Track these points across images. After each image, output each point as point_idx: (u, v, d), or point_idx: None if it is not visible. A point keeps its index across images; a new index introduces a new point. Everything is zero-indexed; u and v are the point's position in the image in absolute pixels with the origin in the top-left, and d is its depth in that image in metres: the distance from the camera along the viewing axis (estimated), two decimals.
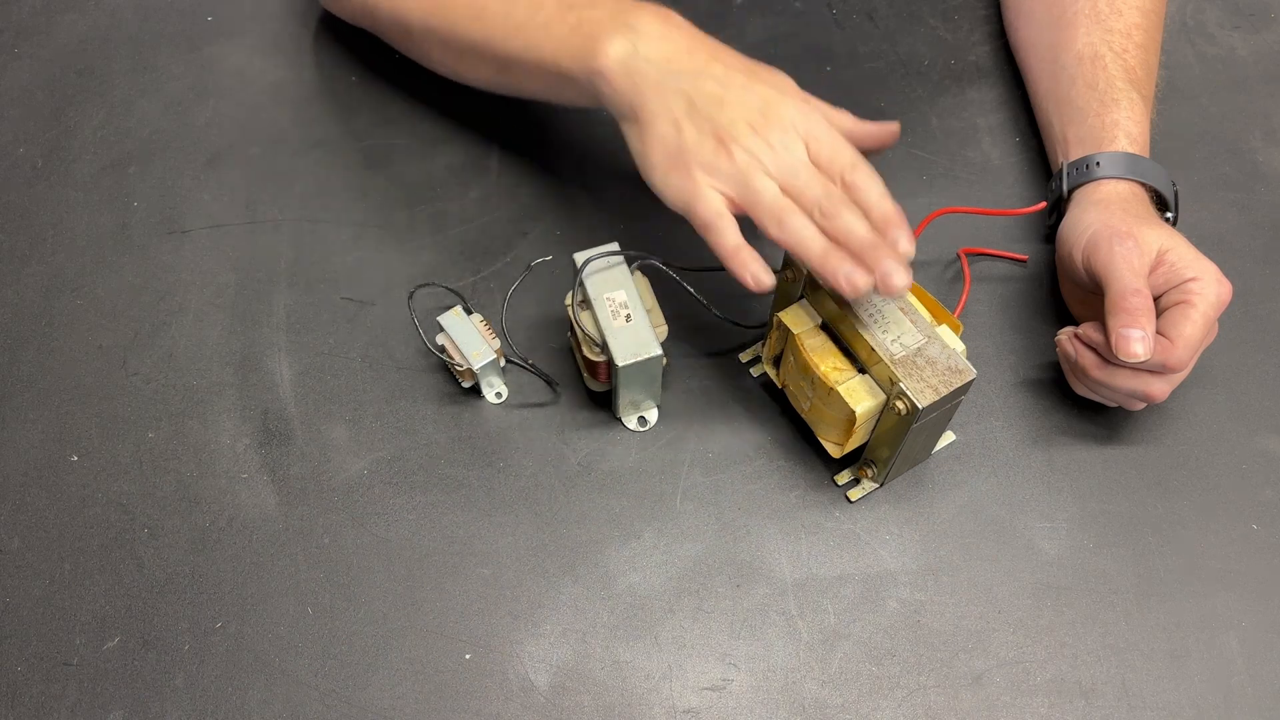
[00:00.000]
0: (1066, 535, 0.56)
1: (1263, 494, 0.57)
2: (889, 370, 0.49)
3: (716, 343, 0.62)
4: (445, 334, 0.57)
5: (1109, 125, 0.61)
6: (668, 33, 0.54)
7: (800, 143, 0.51)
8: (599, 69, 0.54)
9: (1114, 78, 0.63)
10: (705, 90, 0.52)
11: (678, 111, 0.52)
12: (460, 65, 0.65)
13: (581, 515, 0.56)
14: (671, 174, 0.52)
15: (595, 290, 0.54)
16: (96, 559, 0.55)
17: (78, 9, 0.79)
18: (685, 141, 0.51)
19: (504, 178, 0.69)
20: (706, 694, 0.52)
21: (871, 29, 0.78)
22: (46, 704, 0.51)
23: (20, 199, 0.69)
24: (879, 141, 0.56)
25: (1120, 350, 0.51)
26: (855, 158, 0.51)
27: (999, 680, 0.52)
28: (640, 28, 0.54)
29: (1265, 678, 0.52)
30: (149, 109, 0.73)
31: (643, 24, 0.54)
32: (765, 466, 0.58)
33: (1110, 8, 0.66)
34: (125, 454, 0.58)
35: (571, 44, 0.55)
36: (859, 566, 0.55)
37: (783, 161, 0.51)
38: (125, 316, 0.63)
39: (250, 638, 0.53)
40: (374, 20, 0.69)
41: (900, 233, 0.49)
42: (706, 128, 0.51)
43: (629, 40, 0.53)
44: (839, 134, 0.52)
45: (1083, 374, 0.56)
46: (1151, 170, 0.59)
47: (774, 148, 0.51)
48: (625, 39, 0.53)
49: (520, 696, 0.51)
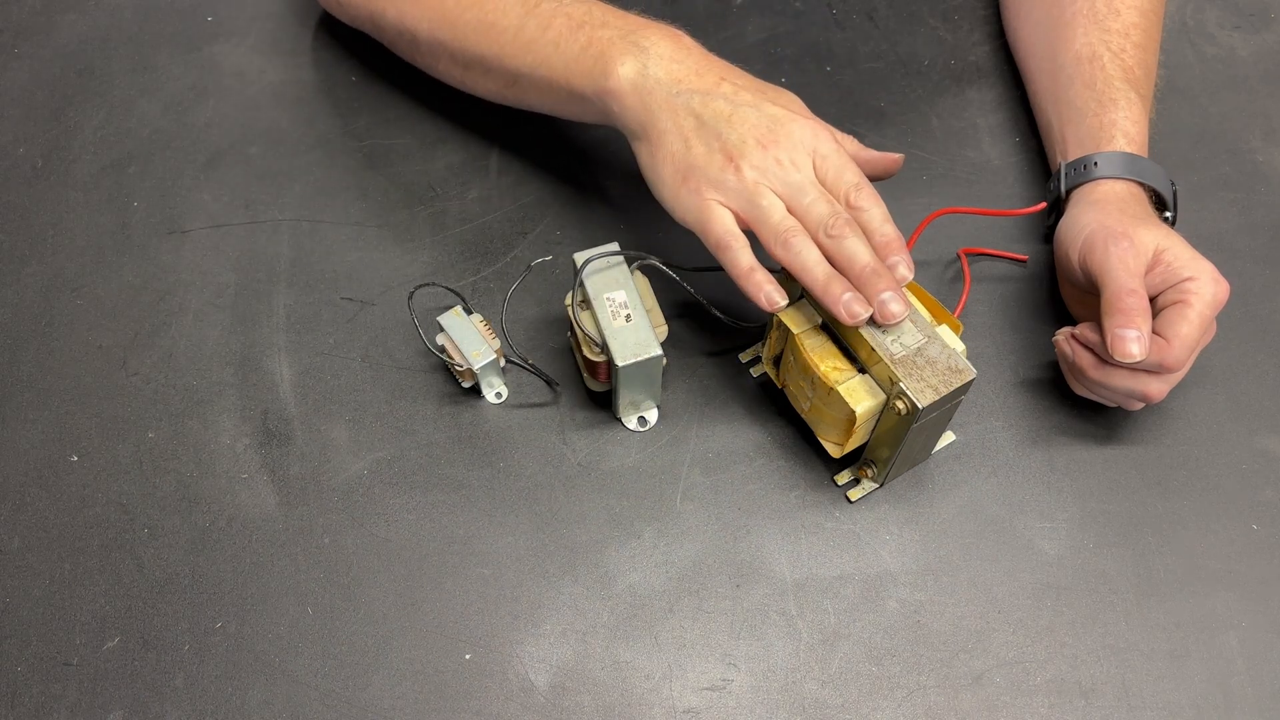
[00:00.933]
0: (1066, 535, 0.56)
1: (1263, 494, 0.57)
2: (889, 370, 0.49)
3: (716, 343, 0.62)
4: (445, 334, 0.57)
5: (1107, 125, 0.61)
6: (677, 53, 0.54)
7: (808, 161, 0.52)
8: (610, 88, 0.54)
9: (1112, 78, 0.63)
10: (714, 108, 0.52)
11: (687, 129, 0.52)
12: (467, 77, 0.65)
13: (581, 515, 0.56)
14: (681, 190, 0.52)
15: (595, 290, 0.54)
16: (96, 559, 0.55)
17: (78, 9, 0.79)
18: (694, 158, 0.52)
19: (504, 178, 0.70)
20: (706, 694, 0.52)
21: (871, 29, 0.78)
22: (46, 704, 0.51)
23: (20, 199, 0.69)
24: (883, 169, 0.57)
25: (1116, 351, 0.51)
26: (860, 178, 0.52)
27: (999, 680, 0.52)
28: (650, 48, 0.54)
29: (1265, 678, 0.52)
30: (149, 109, 0.73)
31: (653, 44, 0.54)
32: (765, 466, 0.58)
33: (1108, 8, 0.66)
34: (125, 454, 0.58)
35: (582, 63, 0.56)
36: (859, 566, 0.55)
37: (790, 179, 0.51)
38: (125, 316, 0.63)
39: (250, 638, 0.53)
40: (380, 29, 0.69)
41: (899, 258, 0.50)
42: (715, 145, 0.51)
43: (640, 60, 0.54)
44: (846, 155, 0.52)
45: (1080, 374, 0.56)
46: (1149, 170, 0.59)
47: (782, 165, 0.51)
48: (636, 59, 0.54)
49: (520, 696, 0.51)
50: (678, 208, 0.53)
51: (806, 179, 0.51)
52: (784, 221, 0.51)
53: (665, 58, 0.54)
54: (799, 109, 0.55)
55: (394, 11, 0.65)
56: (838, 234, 0.50)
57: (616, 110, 0.55)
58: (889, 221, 0.51)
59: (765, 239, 0.51)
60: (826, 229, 0.50)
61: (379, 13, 0.67)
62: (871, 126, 0.72)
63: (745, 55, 0.75)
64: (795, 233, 0.50)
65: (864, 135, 0.71)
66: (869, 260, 0.50)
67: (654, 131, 0.53)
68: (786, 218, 0.51)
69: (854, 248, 0.50)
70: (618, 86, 0.54)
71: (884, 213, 0.52)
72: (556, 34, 0.57)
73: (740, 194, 0.51)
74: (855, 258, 0.50)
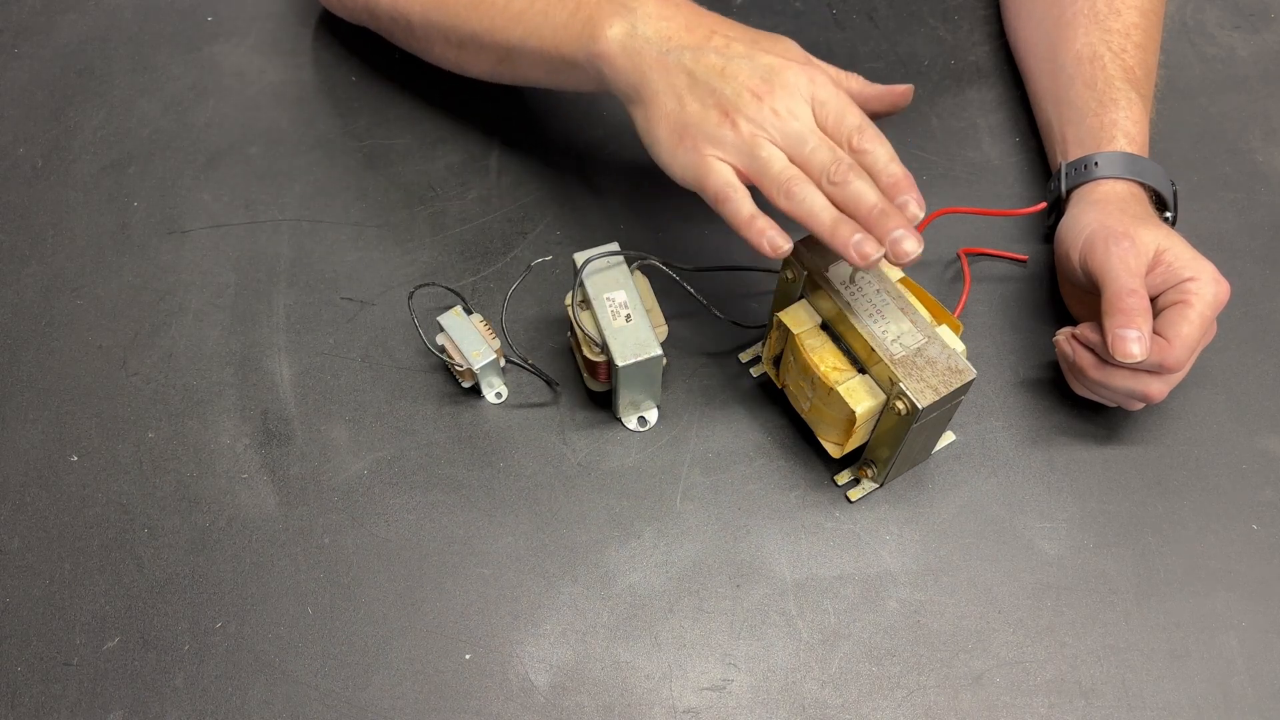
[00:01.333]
0: (1066, 535, 0.56)
1: (1263, 494, 0.57)
2: (889, 370, 0.49)
3: (716, 343, 0.62)
4: (445, 334, 0.57)
5: (1107, 125, 0.61)
6: (665, 10, 0.53)
7: (806, 108, 0.50)
8: (599, 51, 0.53)
9: (1113, 77, 0.63)
10: (707, 63, 0.51)
11: (680, 86, 0.51)
12: (462, 57, 0.65)
13: (581, 515, 0.56)
14: (678, 150, 0.51)
15: (595, 290, 0.54)
16: (96, 559, 0.55)
17: (78, 9, 0.79)
18: (689, 115, 0.51)
19: (504, 178, 0.70)
20: (706, 694, 0.52)
21: (871, 29, 0.78)
22: (46, 704, 0.51)
23: (20, 199, 0.69)
24: (891, 104, 0.55)
25: (1116, 351, 0.51)
26: (862, 120, 0.50)
27: (999, 680, 0.52)
28: (638, 7, 0.53)
29: (1265, 678, 0.52)
30: (149, 109, 0.73)
31: (640, 3, 0.53)
32: (765, 466, 0.58)
33: (1109, 8, 0.66)
34: (125, 454, 0.58)
35: (571, 28, 0.55)
36: (859, 566, 0.55)
37: (789, 128, 0.50)
38: (125, 316, 0.63)
39: (250, 638, 0.53)
40: (374, 17, 0.69)
41: (909, 196, 0.49)
42: (710, 100, 0.50)
43: (627, 21, 0.53)
44: (846, 97, 0.51)
45: (1080, 374, 0.56)
46: (1150, 170, 0.59)
47: (779, 115, 0.50)
48: (624, 20, 0.53)
49: (520, 696, 0.51)
50: (675, 166, 0.52)
51: (806, 127, 0.50)
52: (785, 171, 0.49)
53: (653, 16, 0.53)
54: (796, 54, 0.53)
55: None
56: (841, 179, 0.49)
57: (608, 74, 0.54)
58: (895, 160, 0.50)
59: (768, 191, 0.50)
60: (830, 175, 0.49)
61: (374, 2, 0.67)
62: None
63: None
64: (797, 181, 0.49)
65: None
66: (876, 200, 0.48)
67: (647, 92, 0.52)
68: (788, 167, 0.49)
69: (860, 189, 0.48)
70: (607, 49, 0.53)
71: (889, 152, 0.50)
72: (545, 3, 0.57)
73: (738, 148, 0.50)
74: (862, 199, 0.48)
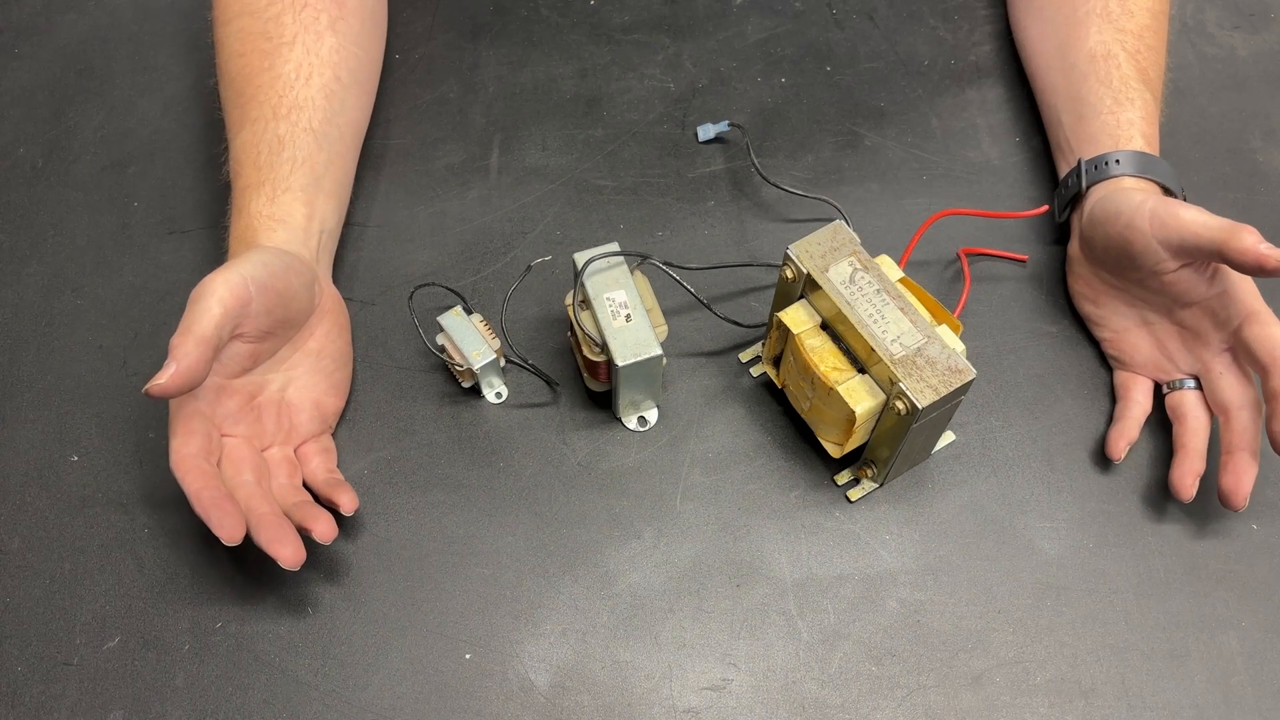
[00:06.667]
0: (1066, 535, 0.56)
1: (1263, 494, 0.57)
2: (889, 370, 0.49)
3: (716, 343, 0.62)
4: (445, 334, 0.57)
5: (1124, 124, 0.61)
6: None
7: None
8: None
9: (1128, 76, 0.63)
10: None
11: None
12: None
13: (581, 515, 0.56)
14: None
15: (595, 290, 0.54)
16: (96, 559, 0.55)
17: (78, 9, 0.79)
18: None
19: (504, 178, 0.69)
20: (706, 694, 0.52)
21: (871, 29, 0.78)
22: (46, 704, 0.51)
23: (20, 199, 0.69)
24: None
25: (1273, 257, 0.49)
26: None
27: (999, 680, 0.52)
28: None
29: (1265, 678, 0.52)
30: (149, 109, 0.73)
31: None
32: (765, 466, 0.58)
33: (1122, 8, 0.66)
34: (125, 454, 0.58)
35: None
36: (859, 566, 0.55)
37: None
38: (125, 316, 0.63)
39: (250, 638, 0.53)
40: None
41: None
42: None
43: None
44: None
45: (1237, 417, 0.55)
46: (1165, 170, 0.60)
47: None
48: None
49: (520, 696, 0.51)
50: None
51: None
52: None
53: None
54: None
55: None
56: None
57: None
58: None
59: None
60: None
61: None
62: (871, 126, 0.72)
63: (745, 55, 0.75)
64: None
65: (864, 135, 0.71)
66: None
67: None
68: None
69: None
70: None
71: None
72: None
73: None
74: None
